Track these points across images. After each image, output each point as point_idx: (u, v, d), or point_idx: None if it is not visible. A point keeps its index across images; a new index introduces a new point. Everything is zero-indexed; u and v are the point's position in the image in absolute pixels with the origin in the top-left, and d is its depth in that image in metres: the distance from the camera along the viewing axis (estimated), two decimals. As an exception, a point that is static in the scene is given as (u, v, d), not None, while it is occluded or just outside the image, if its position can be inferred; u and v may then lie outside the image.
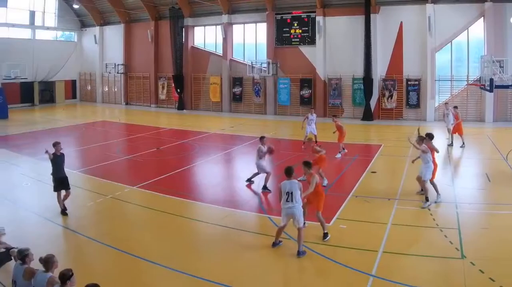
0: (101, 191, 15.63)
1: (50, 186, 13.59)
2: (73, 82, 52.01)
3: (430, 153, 13.79)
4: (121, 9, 45.94)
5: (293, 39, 37.44)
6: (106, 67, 48.04)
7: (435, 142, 15.01)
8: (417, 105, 33.31)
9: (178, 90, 42.80)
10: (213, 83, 41.54)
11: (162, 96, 45.56)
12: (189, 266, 9.72)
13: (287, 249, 10.50)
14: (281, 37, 37.82)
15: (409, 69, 33.28)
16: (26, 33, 45.69)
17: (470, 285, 8.61)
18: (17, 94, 44.67)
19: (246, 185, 16.24)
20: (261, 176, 16.00)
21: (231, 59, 40.69)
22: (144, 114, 40.19)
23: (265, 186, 15.47)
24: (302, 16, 36.84)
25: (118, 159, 21.63)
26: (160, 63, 45.31)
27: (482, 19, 30.92)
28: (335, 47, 35.54)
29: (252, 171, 16.33)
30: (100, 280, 6.68)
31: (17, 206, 14.08)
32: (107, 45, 49.48)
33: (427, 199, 13.41)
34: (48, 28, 47.76)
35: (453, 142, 22.88)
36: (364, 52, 33.44)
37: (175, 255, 10.38)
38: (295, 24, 37.18)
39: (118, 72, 47.46)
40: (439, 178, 15.69)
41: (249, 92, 39.87)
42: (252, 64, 37.75)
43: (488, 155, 21.53)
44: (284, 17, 37.52)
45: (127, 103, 48.31)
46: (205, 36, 42.95)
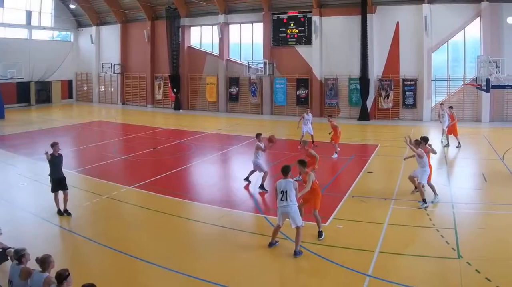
0: (98, 191, 15.58)
1: (47, 186, 13.57)
2: (70, 82, 51.90)
3: (426, 156, 13.83)
4: (118, 9, 45.87)
5: (290, 39, 37.45)
6: (103, 67, 47.89)
7: (432, 144, 15.05)
8: (414, 106, 33.36)
9: (175, 90, 42.76)
10: (210, 83, 41.51)
11: (159, 96, 45.52)
12: (186, 266, 9.71)
13: (284, 249, 10.49)
14: (278, 37, 37.82)
15: (406, 69, 33.32)
16: (23, 33, 45.61)
17: (467, 285, 8.63)
18: (14, 94, 44.58)
19: (245, 185, 16.14)
20: (258, 175, 16.00)
21: (228, 59, 40.69)
22: (141, 114, 40.12)
23: (262, 185, 15.44)
24: (299, 16, 36.85)
25: (115, 159, 21.60)
26: (157, 63, 45.27)
27: (479, 19, 30.99)
28: (332, 47, 35.57)
29: (249, 170, 16.32)
30: (97, 280, 6.66)
31: (14, 206, 14.04)
32: (104, 45, 49.41)
33: (424, 201, 13.41)
34: (45, 28, 47.67)
35: (449, 143, 22.94)
36: (361, 52, 33.50)
37: (172, 255, 10.36)
38: (292, 24, 37.20)
39: (115, 72, 47.37)
40: (436, 178, 15.74)
41: (246, 92, 39.86)
42: (249, 64, 37.73)
43: (485, 155, 21.55)
44: (281, 17, 37.53)
45: (124, 103, 48.25)
46: (202, 36, 42.91)
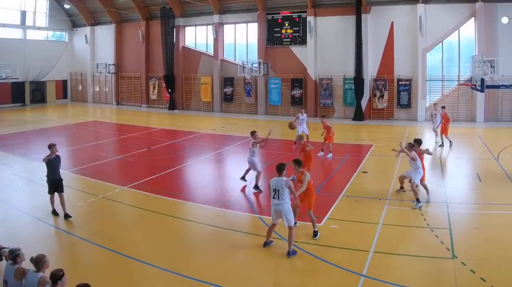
0: (92, 191, 15.54)
1: (41, 186, 13.56)
2: (64, 82, 51.79)
3: (419, 159, 13.88)
4: (112, 9, 45.77)
5: (284, 39, 37.45)
6: (97, 67, 47.74)
7: (426, 144, 15.09)
8: (408, 105, 33.43)
9: (169, 90, 42.73)
10: (204, 83, 41.48)
11: (153, 96, 45.44)
12: (180, 266, 9.70)
13: (278, 249, 10.49)
14: (272, 37, 37.81)
15: (400, 69, 33.38)
16: (17, 33, 45.52)
17: (461, 285, 8.65)
18: (8, 94, 44.55)
19: (241, 187, 16.01)
20: (253, 174, 15.94)
21: (222, 59, 40.66)
22: (135, 114, 40.02)
23: (257, 185, 15.41)
24: (293, 16, 36.85)
25: (109, 159, 21.55)
26: (151, 63, 45.18)
27: (473, 19, 31.09)
28: (326, 47, 35.60)
29: (244, 169, 16.31)
30: (91, 280, 6.66)
31: (8, 206, 13.95)
32: (98, 45, 49.29)
33: (418, 200, 13.44)
34: (39, 28, 47.56)
35: (444, 143, 22.99)
36: (355, 52, 33.55)
37: (166, 255, 10.34)
38: (286, 24, 37.19)
39: (109, 72, 47.26)
40: (431, 178, 15.80)
41: (240, 92, 39.84)
42: (243, 64, 37.68)
43: (479, 154, 21.58)
44: (275, 17, 37.52)
45: (118, 103, 48.15)
46: (196, 36, 42.85)
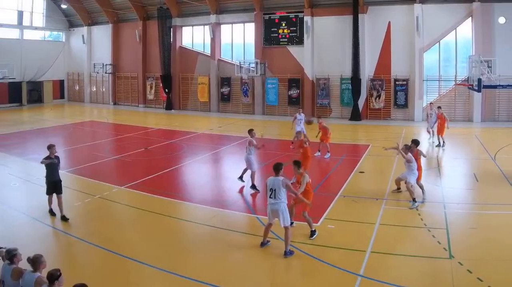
0: (89, 191, 15.52)
1: (39, 186, 13.53)
2: (61, 82, 51.68)
3: (415, 161, 13.89)
4: (109, 9, 45.70)
5: (281, 39, 37.47)
6: (94, 67, 47.70)
7: (422, 144, 15.10)
8: (405, 106, 33.49)
9: (166, 90, 42.69)
10: (201, 83, 41.46)
11: (150, 96, 45.39)
12: (177, 266, 9.69)
13: (275, 249, 10.49)
14: (269, 37, 37.83)
15: (397, 69, 33.43)
16: (14, 33, 45.39)
17: (458, 285, 8.65)
18: (5, 94, 44.50)
19: (239, 188, 15.94)
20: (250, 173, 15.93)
21: (219, 59, 40.63)
22: (132, 114, 39.98)
23: (253, 185, 15.40)
24: (290, 16, 36.88)
25: (106, 159, 21.50)
26: (148, 63, 45.13)
27: (470, 19, 31.18)
28: (323, 47, 35.63)
29: (241, 169, 16.28)
30: (88, 280, 6.62)
31: (5, 206, 13.91)
32: (95, 45, 49.17)
33: (414, 200, 13.46)
34: (36, 28, 47.43)
35: (440, 143, 23.01)
36: (352, 52, 33.59)
37: (163, 255, 10.33)
38: (283, 24, 37.21)
39: (106, 72, 47.17)
40: (428, 178, 15.83)
41: (237, 92, 39.83)
42: (240, 64, 37.71)
43: (476, 154, 21.64)
44: (272, 17, 37.54)
45: (115, 103, 48.07)
46: (193, 36, 42.87)
